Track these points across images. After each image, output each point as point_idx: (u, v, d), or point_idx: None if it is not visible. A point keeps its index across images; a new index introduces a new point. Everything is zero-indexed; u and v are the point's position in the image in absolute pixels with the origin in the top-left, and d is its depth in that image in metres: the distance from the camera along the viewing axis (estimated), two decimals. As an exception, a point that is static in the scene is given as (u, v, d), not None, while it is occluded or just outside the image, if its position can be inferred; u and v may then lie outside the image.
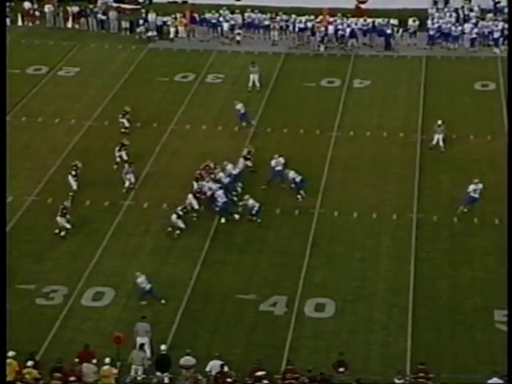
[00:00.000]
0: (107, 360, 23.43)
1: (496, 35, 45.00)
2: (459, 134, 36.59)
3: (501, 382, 22.94)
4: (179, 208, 30.59)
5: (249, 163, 33.81)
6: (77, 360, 23.81)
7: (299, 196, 32.27)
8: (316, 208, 32.04)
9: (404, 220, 31.19)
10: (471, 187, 31.19)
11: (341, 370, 23.75)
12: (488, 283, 27.79)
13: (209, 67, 44.01)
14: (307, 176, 32.65)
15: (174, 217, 30.40)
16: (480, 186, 31.14)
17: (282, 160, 32.99)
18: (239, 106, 37.71)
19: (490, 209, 31.36)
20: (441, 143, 35.52)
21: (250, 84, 41.13)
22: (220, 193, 31.22)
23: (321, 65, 44.16)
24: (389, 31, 45.53)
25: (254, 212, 30.86)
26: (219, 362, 23.56)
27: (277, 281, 28.31)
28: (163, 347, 24.42)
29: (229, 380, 23.18)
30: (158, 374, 23.95)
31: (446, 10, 47.30)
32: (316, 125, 37.80)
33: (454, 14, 46.65)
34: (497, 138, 36.12)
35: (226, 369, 23.45)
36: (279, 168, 32.95)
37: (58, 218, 30.25)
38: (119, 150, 34.39)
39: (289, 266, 29.01)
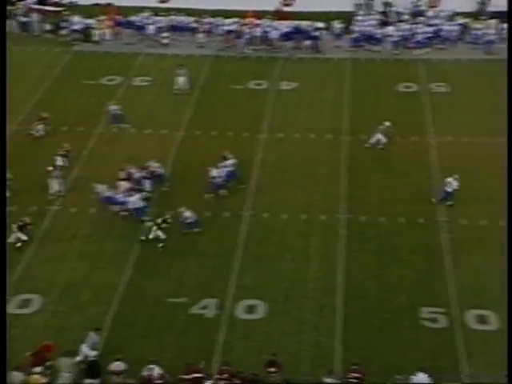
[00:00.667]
0: (37, 369, 23.06)
1: (418, 38, 45.98)
2: (385, 135, 37.18)
3: (426, 378, 23.44)
4: (159, 220, 30.34)
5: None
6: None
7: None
8: (246, 210, 32.15)
9: (333, 220, 31.55)
10: (450, 182, 31.84)
11: (271, 369, 23.88)
12: (415, 281, 28.31)
13: (135, 70, 43.73)
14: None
15: (154, 228, 30.16)
16: (457, 182, 31.87)
17: (232, 161, 33.31)
18: (113, 108, 37.69)
19: (416, 208, 31.95)
20: (373, 141, 36.16)
21: (178, 87, 41.03)
22: (135, 198, 31.09)
23: (248, 67, 44.33)
24: (315, 34, 45.99)
25: (189, 222, 30.57)
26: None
27: (207, 284, 28.32)
28: (93, 353, 24.16)
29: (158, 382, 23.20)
30: (88, 381, 23.68)
31: (369, 13, 48.11)
32: (244, 127, 37.92)
33: (377, 17, 47.47)
34: (422, 139, 36.84)
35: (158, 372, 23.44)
36: (231, 169, 33.20)
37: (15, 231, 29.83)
38: (58, 155, 33.97)
39: (219, 268, 29.06)
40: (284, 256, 29.70)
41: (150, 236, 30.11)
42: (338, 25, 46.67)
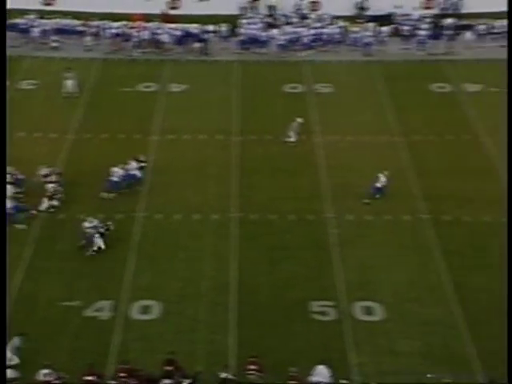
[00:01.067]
0: None
1: (303, 40, 47.20)
2: (274, 135, 38.07)
3: (324, 369, 24.27)
4: (101, 227, 30.14)
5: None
6: None
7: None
8: (139, 211, 32.35)
9: (225, 220, 32.13)
10: (379, 178, 32.88)
11: (168, 368, 24.23)
12: (305, 277, 29.17)
13: (22, 73, 43.11)
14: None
15: (96, 236, 29.91)
16: (385, 178, 32.87)
17: (136, 164, 33.63)
18: None
19: (306, 206, 32.90)
20: (293, 138, 37.13)
21: (66, 90, 40.74)
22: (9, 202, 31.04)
23: (137, 70, 44.40)
24: (204, 37, 46.55)
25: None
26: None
27: (101, 286, 28.39)
28: (15, 359, 23.95)
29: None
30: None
31: (254, 16, 49.03)
32: (136, 129, 38.05)
33: (262, 20, 48.43)
34: (308, 138, 37.89)
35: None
36: (134, 172, 33.54)
37: None
38: None
39: (114, 270, 29.16)
40: (178, 256, 30.08)
41: (95, 247, 29.91)
42: (224, 28, 47.38)
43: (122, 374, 23.94)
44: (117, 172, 33.17)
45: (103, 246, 29.96)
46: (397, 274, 29.14)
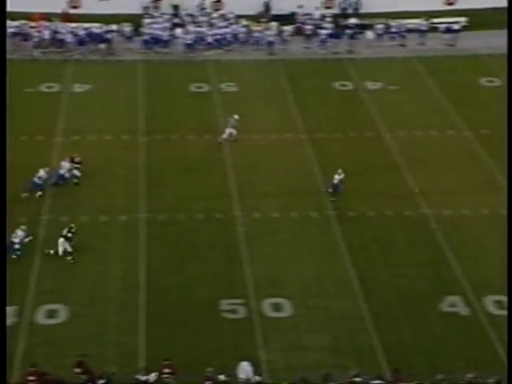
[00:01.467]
0: None
1: (208, 39, 47.31)
2: (180, 135, 38.07)
3: (248, 365, 24.44)
4: (65, 230, 29.59)
5: None
6: None
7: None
8: (44, 214, 31.83)
9: (133, 220, 31.95)
10: (336, 177, 33.10)
11: (77, 370, 23.97)
12: (214, 275, 29.31)
13: None
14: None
15: (61, 241, 29.39)
16: (342, 175, 33.13)
17: (67, 165, 33.52)
18: None
19: (214, 204, 33.00)
20: (225, 136, 37.23)
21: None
22: None
23: (38, 70, 43.63)
24: (108, 36, 46.09)
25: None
26: None
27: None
28: None
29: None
30: None
31: (157, 15, 48.86)
32: (38, 131, 37.39)
33: (166, 20, 48.30)
34: (215, 137, 38.03)
35: None
36: (63, 172, 33.53)
37: None
38: None
39: (18, 274, 28.58)
40: (85, 258, 29.73)
41: (60, 250, 29.45)
42: (128, 27, 47.05)
43: (30, 378, 23.52)
44: (42, 173, 32.76)
45: (70, 249, 29.62)
46: (304, 269, 29.59)
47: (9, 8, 45.54)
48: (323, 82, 43.70)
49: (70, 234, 29.81)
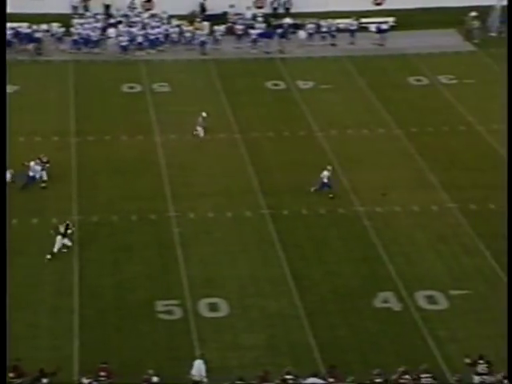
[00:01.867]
0: None
1: (140, 40, 47.03)
2: (112, 135, 37.77)
3: (202, 363, 24.40)
4: (62, 228, 29.31)
5: None
6: None
7: None
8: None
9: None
10: (324, 173, 33.19)
11: (12, 375, 23.58)
12: (149, 277, 29.15)
13: None
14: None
15: (58, 238, 29.13)
16: (330, 173, 33.32)
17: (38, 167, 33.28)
18: None
19: (148, 205, 32.78)
20: (201, 134, 37.40)
21: None
22: None
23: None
24: (37, 36, 45.43)
25: None
26: None
27: None
28: None
29: None
30: None
31: (89, 15, 48.39)
32: (-34, 133, 36.63)
33: (97, 20, 47.88)
34: (148, 137, 37.86)
35: None
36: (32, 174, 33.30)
37: None
38: None
39: None
40: (17, 261, 29.20)
41: (55, 249, 29.31)
42: (57, 27, 46.44)
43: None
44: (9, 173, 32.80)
45: (70, 244, 29.70)
46: (240, 269, 29.66)
47: None
48: (256, 82, 43.92)
49: (69, 231, 29.84)
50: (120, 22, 47.96)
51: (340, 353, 25.72)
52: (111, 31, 47.08)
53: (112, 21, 48.11)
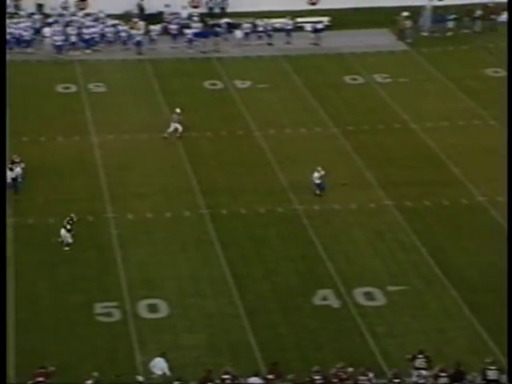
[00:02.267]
0: None
1: (74, 39, 46.51)
2: (48, 136, 37.26)
3: (163, 362, 24.13)
4: (65, 221, 29.05)
5: None
6: None
7: None
8: None
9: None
10: (315, 175, 33.25)
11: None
12: (87, 279, 28.84)
13: None
14: None
15: (62, 231, 28.82)
16: (322, 172, 33.28)
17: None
18: None
19: (85, 206, 32.42)
20: (171, 130, 37.21)
21: None
22: None
23: None
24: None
25: None
26: None
27: None
28: None
29: None
30: None
31: (23, 14, 47.67)
32: None
33: (30, 19, 47.24)
34: (84, 138, 37.45)
35: None
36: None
37: None
38: None
39: None
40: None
41: (70, 239, 29.66)
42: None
43: None
44: None
45: (71, 240, 29.75)
46: (179, 269, 29.57)
47: None
48: (193, 82, 43.84)
49: (68, 226, 29.63)
50: (56, 22, 47.29)
51: (280, 351, 25.84)
52: (46, 30, 46.39)
53: (50, 20, 47.42)
